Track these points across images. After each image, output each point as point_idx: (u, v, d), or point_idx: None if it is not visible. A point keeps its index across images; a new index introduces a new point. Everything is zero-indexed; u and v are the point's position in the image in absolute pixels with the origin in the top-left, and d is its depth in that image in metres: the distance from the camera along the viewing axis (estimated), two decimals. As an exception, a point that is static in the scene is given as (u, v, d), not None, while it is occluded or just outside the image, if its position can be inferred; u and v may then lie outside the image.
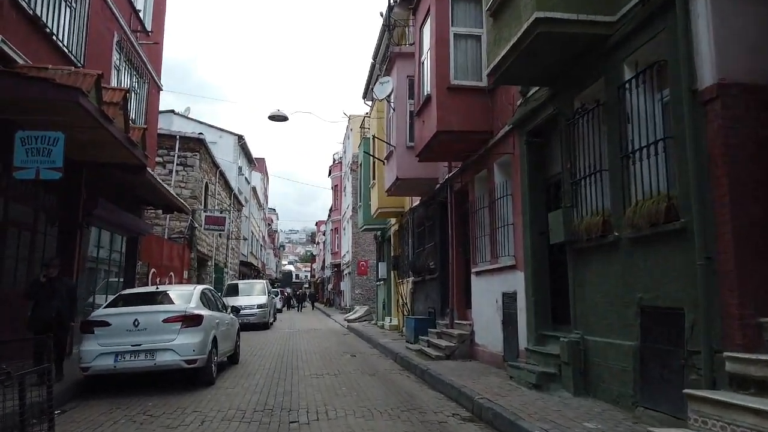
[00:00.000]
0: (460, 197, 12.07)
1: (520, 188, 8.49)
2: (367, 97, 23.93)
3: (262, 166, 55.13)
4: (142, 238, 14.21)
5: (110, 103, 8.53)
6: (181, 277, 18.03)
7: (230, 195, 27.90)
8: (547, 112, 7.59)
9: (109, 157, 9.59)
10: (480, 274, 10.29)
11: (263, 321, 20.96)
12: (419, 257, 14.95)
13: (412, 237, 16.09)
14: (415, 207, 15.66)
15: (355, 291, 34.45)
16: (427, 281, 14.22)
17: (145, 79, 13.45)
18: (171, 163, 19.25)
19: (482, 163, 10.16)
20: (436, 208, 13.59)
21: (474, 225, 10.69)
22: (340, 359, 11.57)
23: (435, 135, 9.73)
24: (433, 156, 11.08)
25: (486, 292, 9.95)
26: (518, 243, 8.57)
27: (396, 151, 13.41)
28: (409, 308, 16.05)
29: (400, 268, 17.88)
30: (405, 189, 14.15)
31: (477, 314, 10.46)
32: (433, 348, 11.10)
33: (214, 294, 9.78)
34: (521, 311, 8.38)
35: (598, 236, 6.17)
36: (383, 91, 13.63)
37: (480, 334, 10.25)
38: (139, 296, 8.51)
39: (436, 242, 13.59)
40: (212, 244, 23.45)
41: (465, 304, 11.75)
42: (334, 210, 43.98)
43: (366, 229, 21.71)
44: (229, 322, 9.91)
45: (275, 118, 15.71)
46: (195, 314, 7.74)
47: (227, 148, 34.97)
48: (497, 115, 9.44)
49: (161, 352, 7.38)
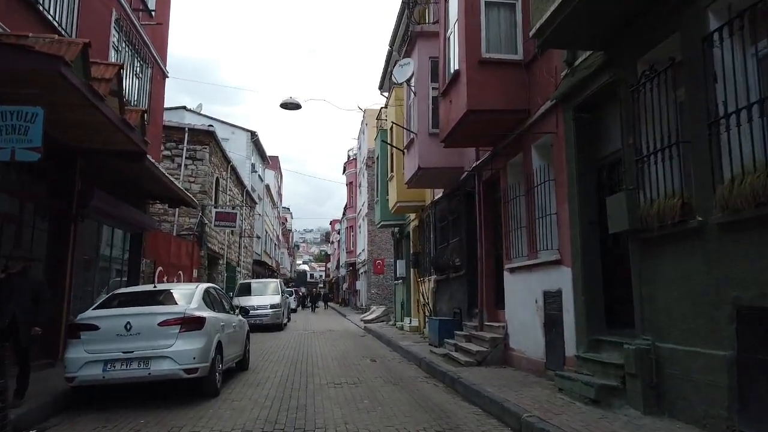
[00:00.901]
0: (490, 187, 11.01)
1: (565, 172, 7.41)
2: (383, 87, 22.98)
3: (275, 164, 54.47)
4: (146, 234, 13.34)
5: (101, 80, 7.62)
6: (190, 276, 17.16)
7: (242, 191, 27.05)
8: (600, 81, 6.51)
9: (105, 142, 8.68)
10: (515, 271, 9.23)
11: (276, 322, 20.06)
12: (442, 254, 13.90)
13: (433, 232, 15.05)
14: (437, 200, 14.62)
15: (371, 290, 33.48)
16: (451, 279, 13.17)
17: (148, 64, 12.56)
18: (180, 157, 18.40)
19: (517, 146, 9.09)
20: (462, 200, 12.54)
21: (507, 217, 9.62)
22: (360, 365, 10.57)
23: (465, 115, 8.68)
24: (461, 140, 10.03)
25: (522, 291, 8.89)
26: (563, 235, 7.50)
27: (417, 139, 12.38)
28: (431, 308, 15.00)
29: (421, 265, 16.84)
30: (427, 180, 13.11)
31: (511, 315, 9.39)
32: (462, 353, 10.06)
33: (219, 293, 8.83)
34: (568, 312, 7.31)
35: (676, 222, 5.09)
36: (403, 74, 12.61)
37: (515, 337, 9.18)
38: (134, 296, 7.57)
39: (462, 237, 12.54)
40: (224, 242, 22.59)
41: (496, 305, 10.70)
42: (349, 208, 43.05)
43: (383, 225, 20.68)
44: (237, 324, 8.95)
45: (288, 106, 14.75)
46: (195, 316, 6.78)
47: (240, 145, 34.25)
48: (535, 91, 8.37)
49: (157, 360, 6.42)
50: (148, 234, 13.66)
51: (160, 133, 14.11)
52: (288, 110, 14.99)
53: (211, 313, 7.40)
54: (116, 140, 8.57)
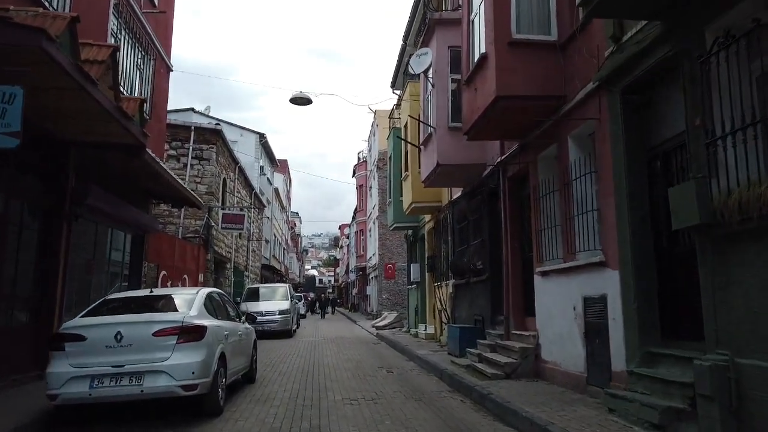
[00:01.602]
0: (516, 183, 10.19)
1: (611, 162, 6.58)
2: (396, 85, 22.25)
3: (284, 167, 53.86)
4: (149, 236, 12.62)
5: (93, 62, 6.89)
6: (195, 281, 16.44)
7: (251, 193, 26.35)
8: (656, 56, 5.68)
9: (99, 134, 7.96)
10: (548, 274, 8.38)
11: (285, 328, 19.27)
12: (462, 257, 13.08)
13: (451, 234, 14.23)
14: (455, 199, 13.80)
15: (382, 295, 32.64)
16: (472, 284, 12.33)
17: (150, 56, 11.86)
18: (185, 156, 17.70)
19: (549, 137, 8.27)
20: (484, 198, 11.71)
21: (537, 215, 8.79)
22: (376, 376, 9.75)
23: (493, 102, 7.88)
24: (487, 132, 9.21)
25: (557, 297, 8.05)
26: (608, 233, 6.66)
27: (436, 134, 11.58)
28: (448, 315, 14.16)
29: (437, 269, 16.01)
30: (446, 178, 12.30)
31: (544, 323, 8.54)
32: (488, 364, 9.21)
33: (224, 298, 8.04)
34: (614, 321, 6.46)
35: (764, 215, 4.24)
36: (421, 65, 11.83)
37: (549, 348, 8.33)
38: (128, 302, 6.78)
39: (484, 239, 11.71)
40: (231, 246, 21.86)
41: (524, 311, 9.85)
42: (359, 211, 42.28)
43: (396, 227, 19.87)
44: (243, 333, 8.16)
45: (298, 101, 14.01)
46: (195, 325, 5.99)
47: (248, 148, 33.68)
48: (572, 75, 7.55)
49: (151, 376, 5.64)
50: (151, 236, 12.94)
51: (164, 130, 13.41)
52: (298, 105, 14.25)
53: (214, 322, 6.61)
54: (112, 131, 7.84)
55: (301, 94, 13.70)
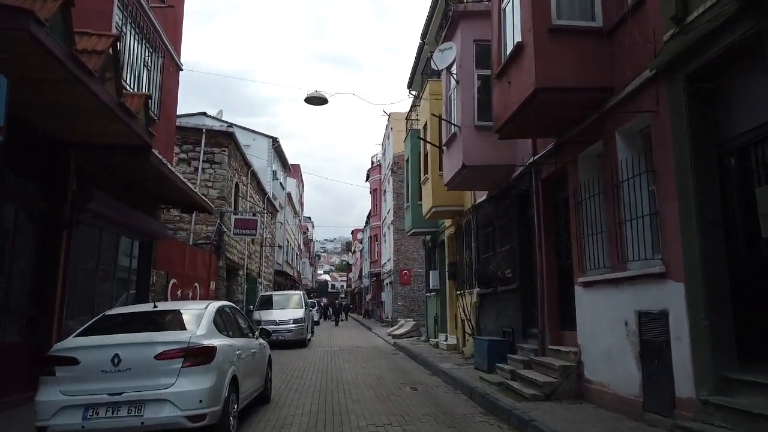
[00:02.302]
0: (551, 186, 9.41)
1: (672, 160, 5.79)
2: (413, 86, 21.58)
3: (297, 172, 53.35)
4: (157, 242, 11.99)
5: (92, 52, 6.24)
6: (207, 289, 15.80)
7: (263, 198, 25.73)
8: (732, 36, 4.91)
9: (101, 133, 7.33)
10: (591, 285, 7.59)
11: (300, 338, 18.56)
12: (488, 264, 12.29)
13: (475, 240, 13.45)
14: (480, 203, 13.03)
15: (398, 302, 31.88)
16: (500, 294, 11.54)
17: (159, 53, 11.25)
18: (197, 160, 17.10)
19: (593, 133, 7.49)
20: (513, 202, 10.94)
21: (578, 220, 8.00)
22: (399, 395, 8.99)
23: (532, 95, 7.12)
24: (521, 130, 8.46)
25: (604, 310, 7.25)
26: (670, 240, 5.87)
27: (461, 133, 10.84)
28: (473, 326, 13.37)
29: (459, 277, 15.22)
30: (471, 180, 11.54)
31: (587, 339, 7.74)
32: (523, 383, 8.43)
33: (235, 312, 7.33)
34: (679, 341, 5.66)
35: None
36: (444, 60, 11.10)
37: (593, 366, 7.53)
38: (128, 318, 6.09)
39: (513, 245, 10.92)
40: (243, 252, 21.23)
41: (560, 324, 9.06)
42: (373, 215, 41.56)
43: (414, 232, 19.10)
44: (257, 350, 7.45)
45: (313, 101, 13.34)
46: (203, 346, 5.28)
47: (261, 152, 33.19)
48: (622, 63, 6.78)
49: (152, 405, 4.93)
50: (160, 242, 12.31)
51: (174, 132, 12.79)
52: (314, 105, 13.60)
53: (225, 340, 5.91)
54: (114, 130, 7.20)
55: (317, 93, 13.05)
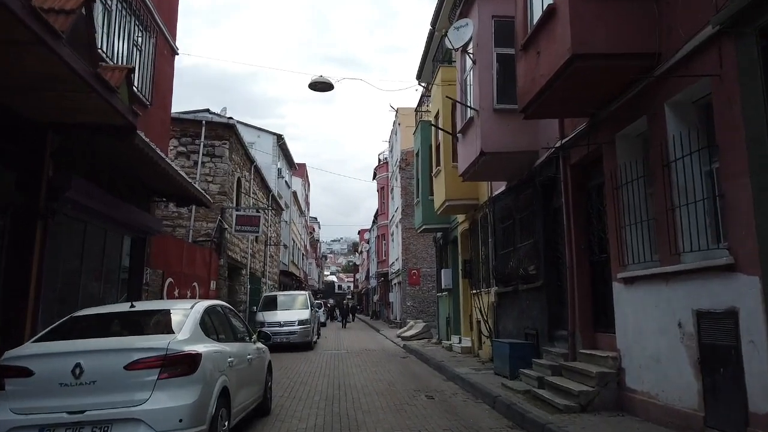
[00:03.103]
0: (582, 171, 8.50)
1: (743, 132, 4.87)
2: (422, 77, 20.70)
3: (302, 171, 52.55)
4: (152, 239, 11.14)
5: (59, 11, 5.38)
6: (207, 289, 14.95)
7: (268, 195, 24.89)
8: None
9: (78, 111, 6.47)
10: (634, 281, 6.66)
11: (306, 340, 17.70)
12: (507, 261, 11.38)
13: (492, 235, 12.53)
14: (497, 195, 12.11)
15: (406, 303, 30.96)
16: (521, 292, 10.62)
17: (151, 33, 10.41)
18: (196, 154, 16.26)
19: (635, 107, 6.58)
20: (536, 192, 10.02)
21: (617, 208, 7.08)
22: (414, 405, 8.09)
23: (566, 64, 6.22)
24: (551, 106, 7.54)
25: (650, 309, 6.33)
26: (740, 227, 4.94)
27: (479, 117, 9.93)
28: (490, 328, 12.45)
29: (474, 275, 14.30)
30: (489, 169, 10.61)
31: (629, 343, 6.82)
32: (554, 391, 7.52)
33: (228, 313, 6.45)
34: (752, 345, 4.74)
35: None
36: (460, 38, 10.21)
37: (637, 374, 6.60)
38: (99, 320, 5.20)
39: (537, 239, 10.00)
40: (247, 250, 20.38)
41: (593, 325, 8.15)
42: (381, 214, 40.66)
43: (425, 229, 18.18)
44: (254, 356, 6.57)
45: (317, 86, 12.46)
46: (185, 354, 4.40)
47: (266, 149, 32.44)
48: (672, 25, 5.86)
49: (121, 426, 4.06)
50: (155, 239, 11.47)
51: (169, 120, 11.95)
52: (318, 91, 12.72)
53: (214, 346, 5.03)
54: (92, 107, 6.33)
55: (322, 78, 12.18)
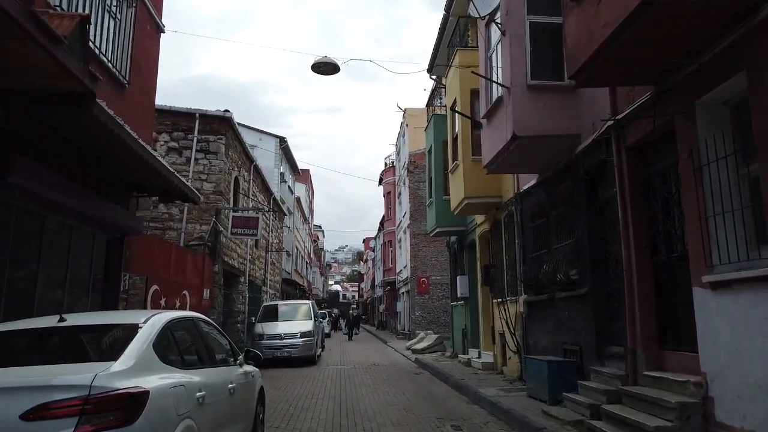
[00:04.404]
0: (642, 154, 7.03)
1: None
2: (433, 70, 19.34)
3: (306, 177, 51.23)
4: (131, 240, 9.70)
5: None
6: (199, 297, 13.47)
7: (269, 199, 23.46)
8: None
9: (18, 71, 5.06)
10: (728, 286, 5.16)
11: (308, 354, 16.19)
12: (539, 265, 9.87)
13: (520, 237, 11.03)
14: (527, 191, 10.63)
15: (415, 313, 29.40)
16: (558, 301, 9.12)
17: (131, 2, 9.02)
18: (189, 149, 14.85)
19: (734, 59, 5.11)
20: (577, 183, 8.55)
21: (700, 193, 5.59)
22: (440, 439, 6.59)
23: (644, 4, 4.76)
24: (612, 70, 6.07)
25: (753, 323, 4.82)
26: None
27: (510, 96, 8.48)
28: (517, 341, 10.92)
29: (496, 282, 12.80)
30: (520, 158, 9.14)
31: (720, 365, 5.30)
32: (617, 425, 6.00)
33: (203, 329, 4.95)
34: None
35: None
36: (487, 4, 8.81)
37: (733, 405, 5.08)
38: (5, 342, 3.73)
39: (580, 239, 8.51)
40: (245, 256, 18.92)
41: (659, 342, 6.63)
42: (387, 220, 39.15)
43: (438, 233, 16.68)
44: (239, 383, 5.08)
45: (320, 68, 11.00)
46: (119, 394, 2.92)
47: (268, 153, 31.15)
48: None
49: None
50: (136, 240, 10.04)
51: (152, 106, 10.54)
52: (322, 74, 11.29)
53: (173, 377, 3.55)
54: (34, 64, 4.92)
55: (326, 59, 10.76)
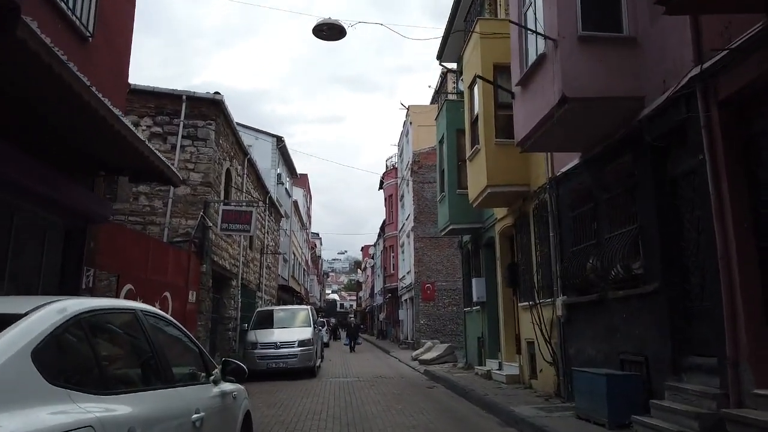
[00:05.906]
0: (740, 111, 5.47)
1: None
2: (444, 57, 17.92)
3: (304, 181, 49.69)
4: (95, 228, 8.09)
5: None
6: (184, 301, 11.85)
7: (265, 197, 21.85)
8: None
9: None
10: None
11: (307, 365, 14.51)
12: (584, 259, 8.28)
13: (555, 229, 9.44)
14: (565, 173, 9.06)
15: (420, 321, 27.72)
16: (611, 302, 7.52)
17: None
18: (174, 135, 13.26)
19: None
20: (638, 157, 7.00)
21: None
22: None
23: None
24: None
25: None
26: None
27: (557, 52, 6.95)
28: (554, 351, 9.31)
29: (523, 283, 11.21)
30: (568, 129, 7.56)
31: None
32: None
33: (151, 329, 3.28)
34: None
35: None
36: (527, -58, 7.27)
37: None
38: None
39: (644, 224, 6.93)
40: (237, 257, 17.27)
41: (773, 352, 5.04)
42: (389, 224, 37.52)
43: (452, 230, 15.03)
44: (211, 410, 3.45)
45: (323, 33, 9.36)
46: None
47: (265, 153, 29.70)
48: None
49: None
50: (103, 229, 8.44)
51: (125, 72, 8.93)
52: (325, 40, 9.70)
53: (72, 410, 1.97)
54: None
55: (330, 20, 9.22)
